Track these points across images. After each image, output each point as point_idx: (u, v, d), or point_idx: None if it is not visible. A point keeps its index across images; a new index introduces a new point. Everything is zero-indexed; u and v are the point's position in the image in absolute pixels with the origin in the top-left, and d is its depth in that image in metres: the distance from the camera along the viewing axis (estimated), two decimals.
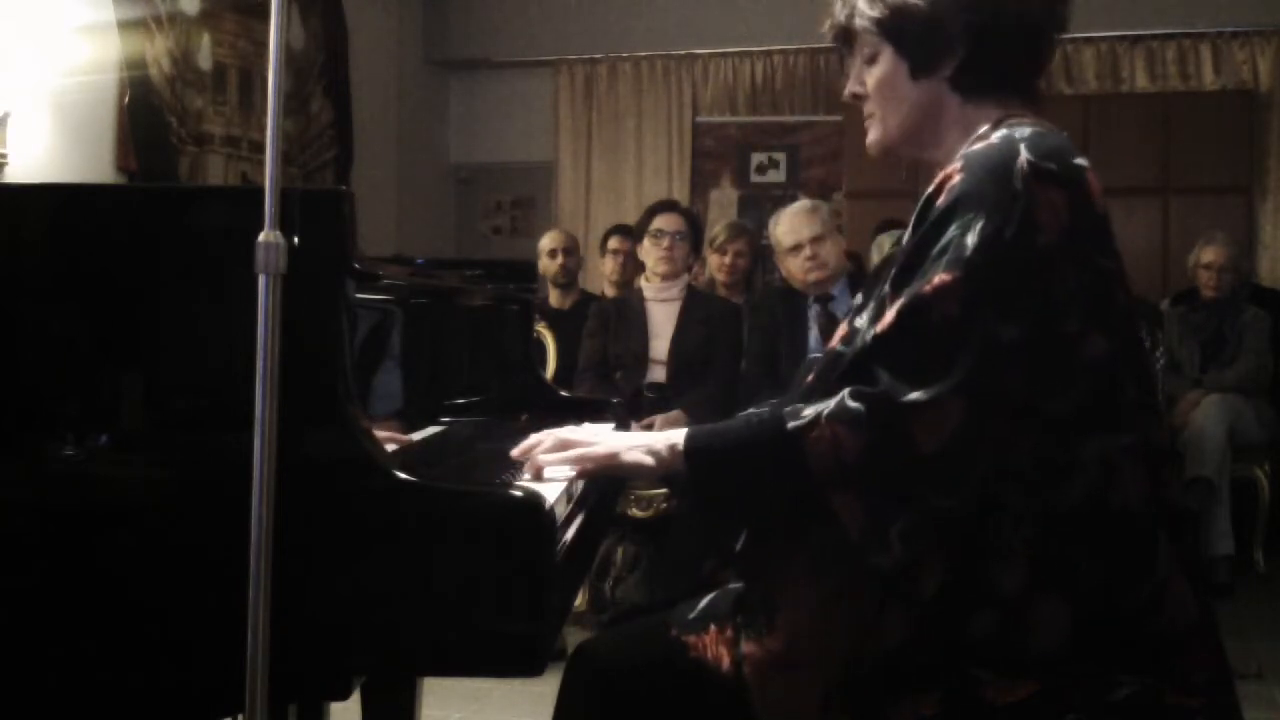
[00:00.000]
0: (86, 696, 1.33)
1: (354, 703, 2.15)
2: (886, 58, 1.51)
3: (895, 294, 1.36)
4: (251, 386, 1.23)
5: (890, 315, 1.34)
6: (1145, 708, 1.34)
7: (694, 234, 4.44)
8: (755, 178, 6.72)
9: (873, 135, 1.57)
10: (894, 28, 1.49)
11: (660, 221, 4.35)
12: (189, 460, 1.33)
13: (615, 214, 6.32)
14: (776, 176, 6.69)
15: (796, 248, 3.92)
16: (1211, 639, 1.40)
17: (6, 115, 3.81)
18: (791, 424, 1.35)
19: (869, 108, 1.56)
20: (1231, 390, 4.89)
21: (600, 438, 1.54)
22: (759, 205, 6.50)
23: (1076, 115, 6.06)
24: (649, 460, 1.47)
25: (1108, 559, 1.35)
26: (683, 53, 6.73)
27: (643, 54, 6.79)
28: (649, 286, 4.37)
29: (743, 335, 4.26)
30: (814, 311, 3.97)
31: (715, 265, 4.83)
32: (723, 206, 6.70)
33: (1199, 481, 4.71)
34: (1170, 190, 5.97)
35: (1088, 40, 6.26)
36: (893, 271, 1.41)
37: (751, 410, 1.62)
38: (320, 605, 1.29)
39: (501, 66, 7.00)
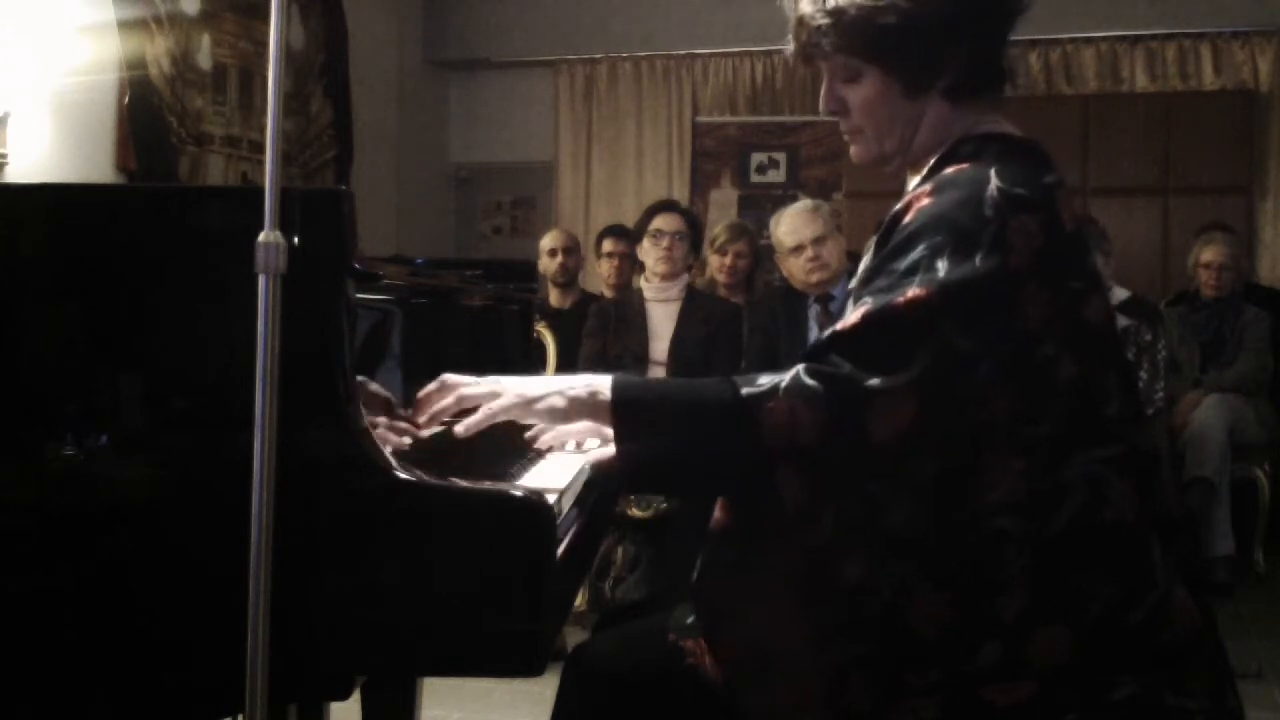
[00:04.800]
0: (86, 696, 1.33)
1: (354, 703, 2.15)
2: (874, 78, 1.46)
3: (857, 302, 1.35)
4: (251, 386, 1.23)
5: (855, 316, 1.33)
6: (1145, 708, 1.34)
7: (693, 234, 4.44)
8: (755, 178, 6.72)
9: (861, 152, 1.52)
10: (882, 50, 1.44)
11: (660, 221, 4.35)
12: (189, 460, 1.33)
13: (615, 214, 6.31)
14: (776, 176, 6.69)
15: (798, 248, 3.92)
16: (1213, 642, 1.39)
17: (6, 115, 3.80)
18: (746, 390, 1.32)
19: (852, 124, 1.51)
20: (1231, 390, 4.89)
21: (503, 384, 1.47)
22: (759, 205, 6.50)
23: (1076, 115, 6.07)
24: (560, 404, 1.42)
25: (1105, 577, 1.34)
26: (683, 53, 6.73)
27: (643, 54, 6.79)
28: (649, 287, 4.37)
29: (743, 335, 4.26)
30: (814, 311, 3.97)
31: (716, 266, 4.83)
32: (723, 206, 6.70)
33: (1199, 481, 4.70)
34: (1170, 190, 5.97)
35: (1088, 40, 6.26)
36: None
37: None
38: (320, 605, 1.29)
39: (501, 66, 7.00)
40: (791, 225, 3.96)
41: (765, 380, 1.33)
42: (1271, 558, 4.91)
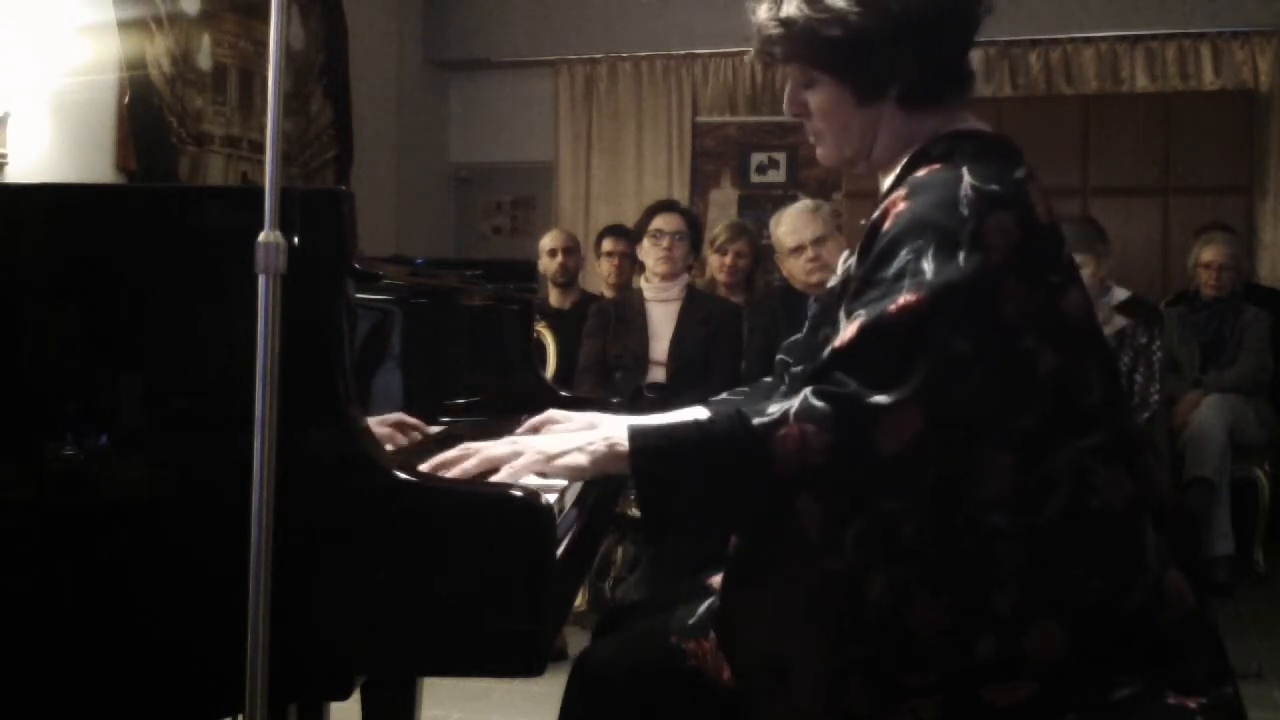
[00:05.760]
0: (86, 696, 1.33)
1: (354, 703, 2.15)
2: (827, 86, 1.48)
3: (850, 316, 1.35)
4: (251, 386, 1.23)
5: (851, 331, 1.33)
6: (1145, 708, 1.34)
7: (693, 234, 4.44)
8: (755, 178, 6.72)
9: (824, 154, 1.55)
10: (831, 60, 1.46)
11: (660, 221, 4.35)
12: (189, 460, 1.33)
13: (615, 214, 6.32)
14: (776, 176, 6.69)
15: (799, 249, 3.92)
16: (1209, 631, 1.40)
17: (6, 115, 3.80)
18: (758, 421, 1.33)
19: (814, 127, 1.53)
20: (1231, 390, 4.89)
21: (522, 443, 1.48)
22: (759, 205, 6.50)
23: (1076, 115, 6.07)
24: (582, 460, 1.42)
25: (1097, 566, 1.35)
26: (683, 53, 6.72)
27: (643, 54, 6.79)
28: (649, 287, 4.37)
29: (743, 335, 4.26)
30: (814, 311, 3.96)
31: (716, 265, 4.83)
32: (723, 206, 6.70)
33: (1199, 481, 4.70)
34: (1170, 190, 5.96)
35: (1088, 40, 6.26)
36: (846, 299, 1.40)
37: (685, 412, 1.57)
38: (320, 605, 1.29)
39: (501, 66, 7.00)
40: (792, 225, 3.96)
41: (775, 409, 1.33)
42: (1271, 558, 4.91)
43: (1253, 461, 4.89)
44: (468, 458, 1.45)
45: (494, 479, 1.42)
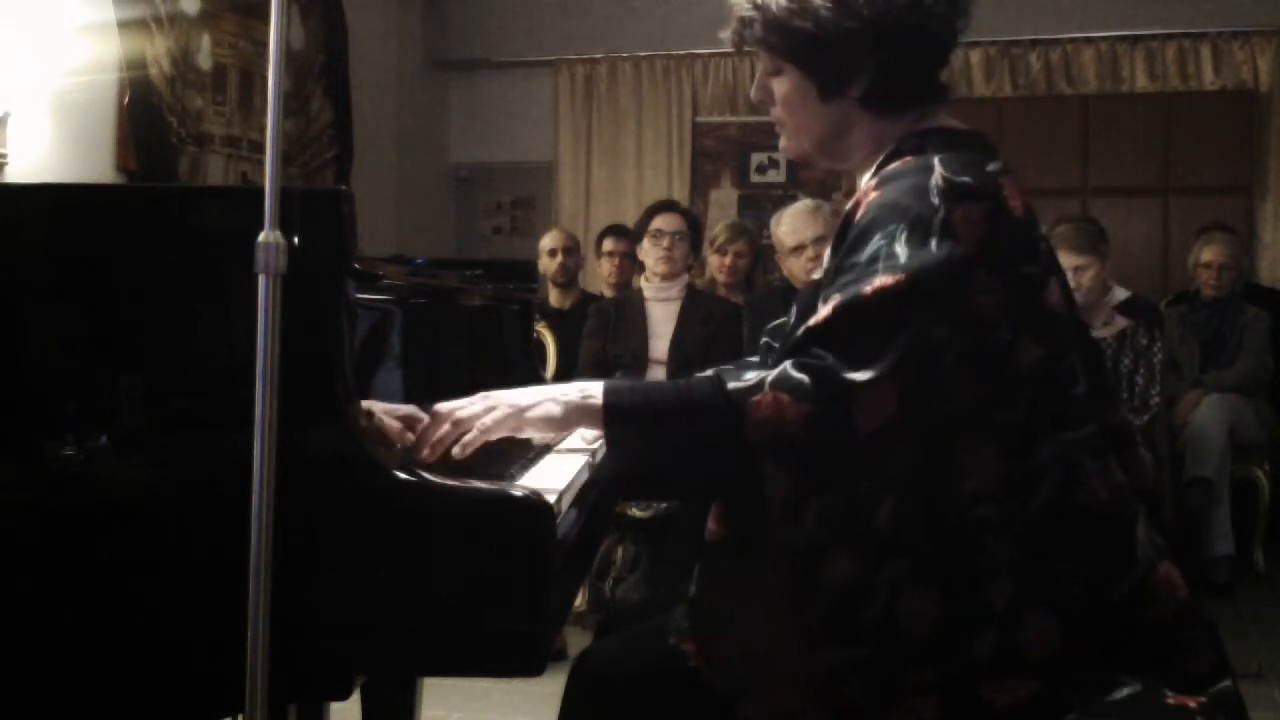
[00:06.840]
0: (86, 696, 1.33)
1: (354, 703, 2.15)
2: (792, 76, 1.50)
3: (826, 300, 1.36)
4: (251, 386, 1.23)
5: (827, 310, 1.34)
6: (1145, 708, 1.34)
7: (694, 234, 4.44)
8: (755, 178, 6.72)
9: (787, 145, 1.57)
10: (798, 52, 1.47)
11: (660, 222, 4.35)
12: (189, 460, 1.33)
13: (615, 214, 6.32)
14: (776, 176, 6.69)
15: (799, 248, 3.93)
16: (1207, 626, 1.39)
17: (6, 115, 3.80)
18: (733, 385, 1.34)
19: (778, 115, 1.55)
20: (1231, 390, 4.89)
21: (494, 398, 1.48)
22: (759, 205, 6.50)
23: (1076, 115, 6.07)
24: (555, 411, 1.43)
25: (1085, 558, 1.35)
26: (683, 53, 6.72)
27: (643, 54, 6.78)
28: (649, 286, 4.37)
29: (743, 335, 4.26)
30: (800, 303, 3.96)
31: (716, 265, 4.83)
32: (723, 206, 6.70)
33: (1199, 481, 4.70)
34: (1170, 190, 5.97)
35: (1088, 40, 6.26)
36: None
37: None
38: (320, 605, 1.29)
39: (501, 66, 7.00)
40: (792, 225, 3.97)
41: (752, 375, 1.35)
42: (1271, 558, 4.91)
43: (1253, 461, 4.89)
44: (440, 423, 1.45)
45: (465, 439, 1.43)
